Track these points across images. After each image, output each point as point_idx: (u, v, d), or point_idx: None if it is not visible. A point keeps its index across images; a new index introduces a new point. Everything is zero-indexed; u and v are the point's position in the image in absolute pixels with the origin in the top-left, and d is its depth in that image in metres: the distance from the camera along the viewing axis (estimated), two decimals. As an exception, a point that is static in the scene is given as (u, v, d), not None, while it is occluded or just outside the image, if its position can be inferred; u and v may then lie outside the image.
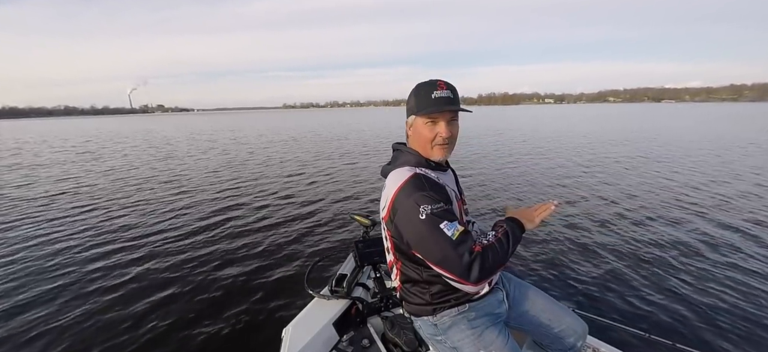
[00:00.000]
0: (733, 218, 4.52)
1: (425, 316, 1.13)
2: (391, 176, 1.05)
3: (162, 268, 3.54)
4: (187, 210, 5.55)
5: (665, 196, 5.67)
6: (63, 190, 7.22)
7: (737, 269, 3.20)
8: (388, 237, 1.10)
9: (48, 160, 12.06)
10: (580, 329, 1.22)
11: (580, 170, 8.05)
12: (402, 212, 0.96)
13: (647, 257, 3.48)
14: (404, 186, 0.96)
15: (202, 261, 3.67)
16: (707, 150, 10.71)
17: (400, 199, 0.96)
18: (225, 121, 52.91)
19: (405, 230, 0.97)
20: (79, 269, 3.53)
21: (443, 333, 1.12)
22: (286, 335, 1.44)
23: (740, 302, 2.71)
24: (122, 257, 3.80)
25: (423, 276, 1.07)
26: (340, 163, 9.96)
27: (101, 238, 4.39)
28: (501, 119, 34.23)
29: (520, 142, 14.37)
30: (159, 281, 3.27)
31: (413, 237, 0.96)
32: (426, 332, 1.18)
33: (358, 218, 1.98)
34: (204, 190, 7.00)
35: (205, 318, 2.71)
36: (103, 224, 4.95)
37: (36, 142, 19.57)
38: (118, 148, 15.17)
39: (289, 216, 5.14)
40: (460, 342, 1.10)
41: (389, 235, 1.07)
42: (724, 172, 7.37)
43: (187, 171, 9.24)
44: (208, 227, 4.71)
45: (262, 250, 3.94)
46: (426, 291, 1.09)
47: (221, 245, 4.10)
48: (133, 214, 5.39)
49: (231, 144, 16.35)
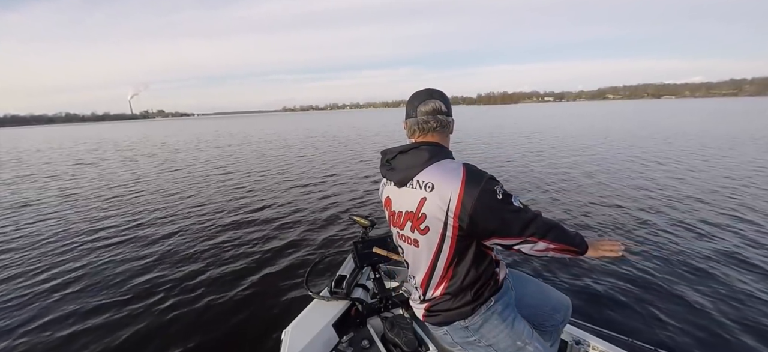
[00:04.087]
0: (735, 214, 4.51)
1: (458, 320, 1.09)
2: (439, 173, 0.97)
3: (161, 269, 3.53)
4: (186, 212, 5.56)
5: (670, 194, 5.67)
6: (65, 191, 7.25)
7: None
8: (451, 237, 0.98)
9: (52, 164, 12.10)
10: (565, 303, 1.32)
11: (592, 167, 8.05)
12: (480, 201, 0.92)
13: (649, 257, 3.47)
14: (469, 177, 0.94)
15: (201, 262, 3.67)
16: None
17: (470, 190, 0.92)
18: (226, 125, 53.03)
19: (485, 218, 0.93)
20: (79, 270, 3.54)
21: (476, 333, 1.10)
22: (286, 337, 1.44)
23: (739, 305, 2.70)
24: (121, 258, 3.80)
25: (472, 273, 1.05)
26: (340, 164, 9.95)
27: (101, 238, 4.40)
28: (526, 120, 34.16)
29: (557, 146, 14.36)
30: (159, 282, 3.28)
31: (494, 221, 0.94)
32: (454, 338, 1.14)
33: (357, 219, 1.98)
34: (203, 192, 7.01)
35: (204, 319, 2.71)
36: (104, 224, 4.96)
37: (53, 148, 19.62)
38: (124, 155, 15.20)
39: (288, 218, 5.14)
40: (495, 338, 1.09)
41: (454, 234, 0.97)
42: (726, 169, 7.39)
43: (187, 174, 9.26)
44: (207, 229, 4.71)
45: (261, 251, 3.94)
46: (468, 291, 1.06)
47: (221, 246, 4.10)
48: (132, 216, 5.40)
49: (230, 145, 16.39)
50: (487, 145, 13.30)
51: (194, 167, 10.67)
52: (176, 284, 3.27)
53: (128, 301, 3.01)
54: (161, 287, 3.23)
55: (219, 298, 3.01)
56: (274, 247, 4.07)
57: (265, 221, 5.03)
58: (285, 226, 4.80)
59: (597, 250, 1.09)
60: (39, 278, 3.50)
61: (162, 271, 3.55)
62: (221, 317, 2.74)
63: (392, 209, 1.12)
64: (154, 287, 3.22)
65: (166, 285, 3.25)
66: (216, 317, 2.74)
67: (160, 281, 3.32)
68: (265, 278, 3.35)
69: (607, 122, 23.47)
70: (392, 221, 1.14)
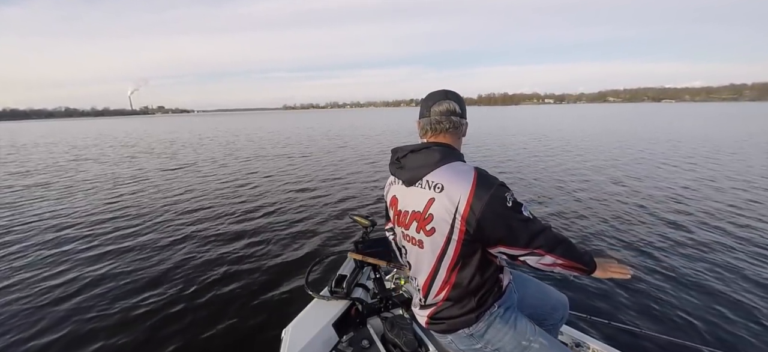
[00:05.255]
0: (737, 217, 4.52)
1: (462, 328, 1.08)
2: (449, 175, 0.97)
3: (161, 269, 3.54)
4: (185, 212, 5.56)
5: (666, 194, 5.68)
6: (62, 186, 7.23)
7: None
8: (456, 240, 0.96)
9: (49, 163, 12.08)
10: (564, 301, 1.35)
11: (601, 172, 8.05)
12: (489, 206, 0.91)
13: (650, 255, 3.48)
14: (480, 181, 0.93)
15: (201, 262, 3.67)
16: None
17: (480, 194, 0.91)
18: (226, 122, 52.96)
19: (492, 224, 0.92)
20: (79, 271, 3.54)
21: (480, 340, 1.09)
22: (286, 336, 1.44)
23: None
24: (121, 259, 3.80)
25: (476, 280, 1.03)
26: (340, 164, 9.97)
27: (101, 238, 4.40)
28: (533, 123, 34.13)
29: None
30: (158, 282, 3.28)
31: (502, 228, 0.93)
32: (459, 346, 1.13)
33: (357, 218, 1.98)
34: (202, 192, 7.01)
35: (204, 319, 2.71)
36: (104, 225, 4.96)
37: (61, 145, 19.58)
38: (125, 152, 15.18)
39: (288, 217, 5.14)
40: (500, 342, 1.09)
41: (460, 237, 0.96)
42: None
43: (186, 174, 9.25)
44: (207, 229, 4.72)
45: (261, 251, 3.94)
46: (473, 298, 1.05)
47: (220, 246, 4.10)
48: (130, 216, 5.40)
49: (229, 145, 16.37)
50: (498, 147, 13.29)
51: (194, 167, 10.67)
52: (176, 283, 3.27)
53: (128, 301, 3.01)
54: (161, 286, 3.23)
55: (219, 297, 3.02)
56: (274, 246, 4.08)
57: (265, 221, 5.03)
58: (285, 226, 4.80)
59: (605, 270, 1.08)
60: (35, 275, 3.50)
61: (162, 270, 3.56)
62: (221, 316, 2.74)
63: (398, 208, 1.11)
64: (153, 287, 3.22)
65: (165, 285, 3.25)
66: (216, 316, 2.74)
67: (160, 281, 3.33)
68: (265, 277, 3.35)
69: (619, 125, 23.36)
70: (397, 221, 1.13)
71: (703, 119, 27.97)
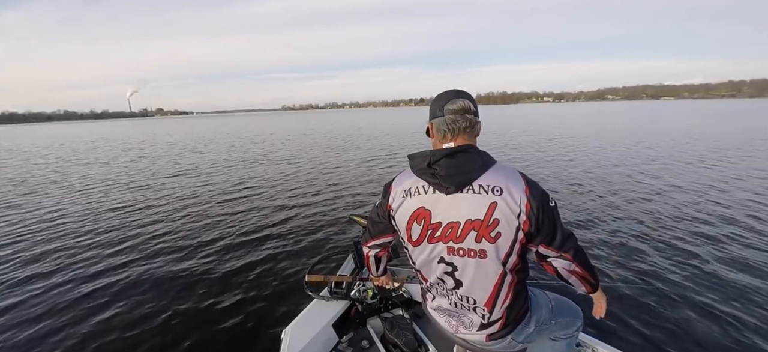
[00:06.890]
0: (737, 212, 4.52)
1: (512, 334, 1.08)
2: (503, 177, 0.92)
3: (161, 270, 3.53)
4: (185, 213, 5.55)
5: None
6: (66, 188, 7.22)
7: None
8: (519, 242, 0.93)
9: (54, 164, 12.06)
10: (579, 313, 1.31)
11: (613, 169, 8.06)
12: (542, 206, 0.92)
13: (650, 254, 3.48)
14: (528, 181, 0.94)
15: (200, 263, 3.67)
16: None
17: (535, 193, 0.92)
18: (225, 124, 52.92)
19: (543, 223, 0.93)
20: (79, 271, 3.54)
21: (518, 343, 1.11)
22: (286, 336, 1.44)
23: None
24: (120, 259, 3.80)
25: (523, 283, 1.05)
26: (341, 164, 9.95)
27: (101, 237, 4.39)
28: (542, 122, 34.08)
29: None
30: (158, 283, 3.27)
31: (548, 228, 0.94)
32: (517, 339, 1.09)
33: (357, 219, 1.98)
34: (202, 192, 7.00)
35: (204, 319, 2.71)
36: (102, 223, 4.95)
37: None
38: (127, 155, 15.15)
39: (288, 218, 5.13)
40: (555, 334, 1.21)
41: (522, 239, 0.93)
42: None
43: (186, 175, 9.24)
44: (206, 229, 4.71)
45: (261, 251, 3.93)
46: (522, 303, 1.06)
47: (220, 247, 4.09)
48: (130, 216, 5.39)
49: (228, 146, 16.35)
50: (513, 148, 13.27)
51: (194, 167, 10.66)
52: (176, 283, 3.27)
53: (127, 300, 3.00)
54: (161, 286, 3.23)
55: (219, 297, 3.01)
56: (274, 246, 4.07)
57: (265, 221, 5.03)
58: (285, 226, 4.80)
59: (601, 297, 1.15)
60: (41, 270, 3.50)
61: (161, 270, 3.55)
62: (221, 316, 2.74)
63: (433, 221, 0.96)
64: (153, 287, 3.22)
65: (165, 284, 3.25)
66: (216, 317, 2.74)
67: (160, 281, 3.33)
68: (265, 277, 3.34)
69: (627, 122, 23.30)
70: (431, 237, 0.98)
71: (714, 115, 27.88)
